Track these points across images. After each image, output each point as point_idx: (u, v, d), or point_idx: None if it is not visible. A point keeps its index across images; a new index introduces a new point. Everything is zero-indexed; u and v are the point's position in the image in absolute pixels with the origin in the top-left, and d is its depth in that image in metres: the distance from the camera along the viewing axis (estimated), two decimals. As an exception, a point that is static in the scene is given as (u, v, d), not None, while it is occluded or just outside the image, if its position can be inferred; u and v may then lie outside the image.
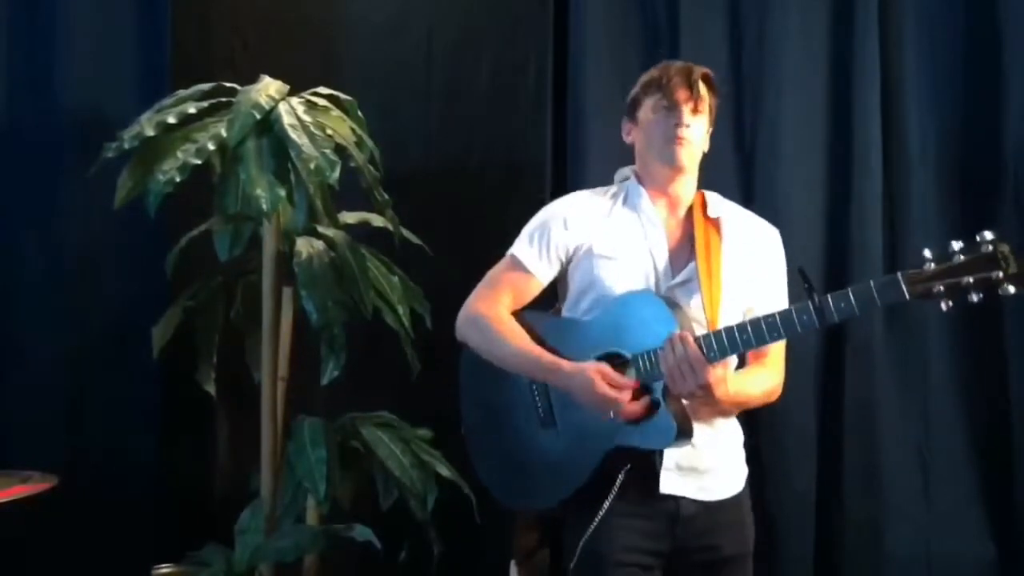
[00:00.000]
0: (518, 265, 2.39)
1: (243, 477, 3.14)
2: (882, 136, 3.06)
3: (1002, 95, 3.01)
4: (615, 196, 2.41)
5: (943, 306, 1.96)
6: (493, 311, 2.37)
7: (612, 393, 2.16)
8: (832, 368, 3.10)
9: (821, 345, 3.09)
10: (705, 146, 2.39)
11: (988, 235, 1.93)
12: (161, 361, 3.02)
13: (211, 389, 3.05)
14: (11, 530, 2.66)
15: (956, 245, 1.95)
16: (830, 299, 2.05)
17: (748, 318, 2.16)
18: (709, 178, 2.47)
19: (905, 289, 1.97)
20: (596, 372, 2.18)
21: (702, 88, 2.32)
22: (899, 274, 2.00)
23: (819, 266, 3.05)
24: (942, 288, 1.95)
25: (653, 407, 2.19)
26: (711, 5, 3.17)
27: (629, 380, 2.19)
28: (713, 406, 2.23)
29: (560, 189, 3.07)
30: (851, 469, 3.08)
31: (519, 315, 2.39)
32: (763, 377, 2.33)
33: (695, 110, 2.31)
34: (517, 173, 3.38)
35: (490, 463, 2.45)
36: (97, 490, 3.08)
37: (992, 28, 3.03)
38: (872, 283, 2.02)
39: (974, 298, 1.94)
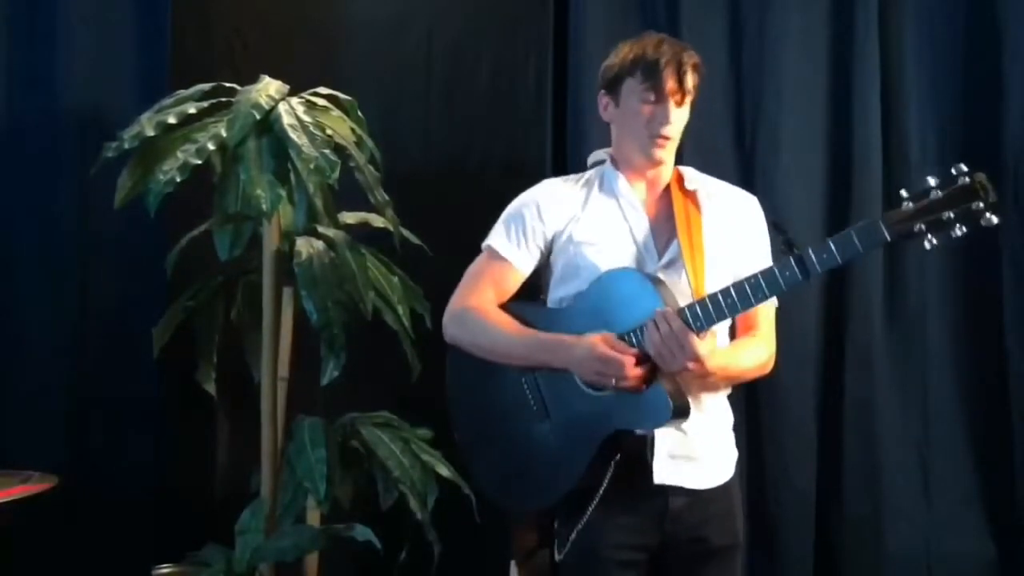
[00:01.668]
0: (496, 256, 2.36)
1: (243, 477, 3.14)
2: (882, 136, 3.06)
3: (1002, 95, 3.02)
4: (589, 183, 2.38)
5: (927, 244, 1.89)
6: (478, 303, 2.35)
7: (615, 354, 2.12)
8: (832, 368, 3.10)
9: (821, 345, 3.10)
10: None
11: (963, 167, 1.88)
12: (161, 361, 3.03)
13: (211, 389, 3.05)
14: (11, 530, 2.66)
15: (932, 181, 1.89)
16: (811, 251, 2.01)
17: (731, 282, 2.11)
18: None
19: (886, 230, 1.92)
20: (599, 337, 2.16)
21: (689, 80, 2.26)
22: (879, 217, 1.94)
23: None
24: (923, 226, 1.89)
25: (648, 385, 2.15)
26: (711, 5, 3.17)
27: (630, 348, 2.14)
28: (705, 380, 2.19)
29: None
30: (851, 469, 3.08)
31: (504, 308, 2.36)
32: (753, 348, 2.28)
33: (680, 102, 2.27)
34: (517, 173, 3.37)
35: (487, 468, 2.42)
36: (97, 490, 3.08)
37: (992, 28, 3.04)
38: (852, 229, 1.97)
39: (958, 232, 1.87)
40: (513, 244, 2.35)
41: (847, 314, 3.09)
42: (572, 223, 2.33)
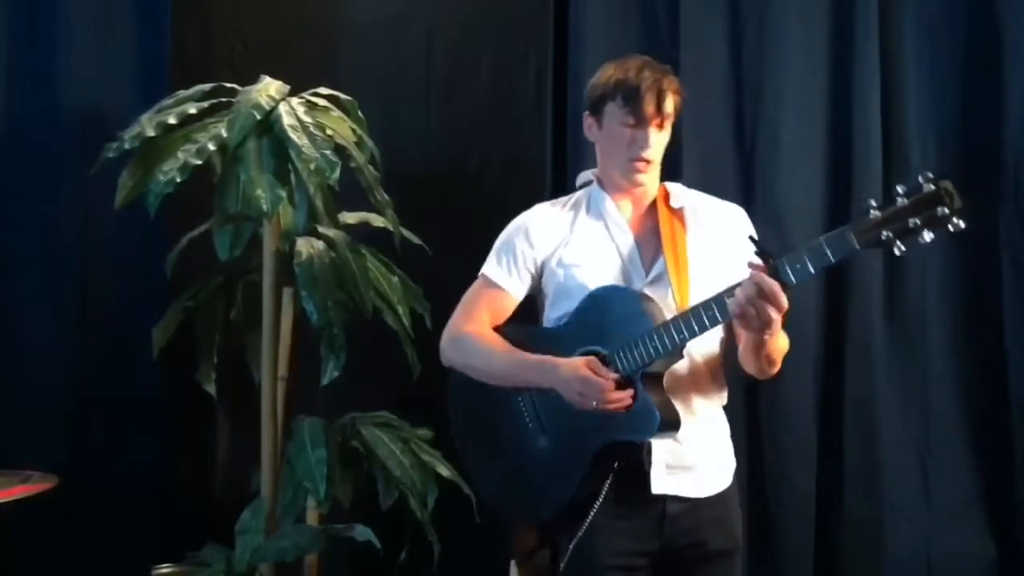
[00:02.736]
0: (489, 283, 2.42)
1: (243, 477, 3.14)
2: (882, 136, 3.06)
3: (1002, 95, 3.01)
4: (577, 206, 2.41)
5: (896, 251, 1.93)
6: (473, 328, 2.40)
7: (595, 378, 2.17)
8: (832, 368, 3.10)
9: (821, 345, 3.10)
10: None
11: (929, 175, 1.91)
12: (161, 361, 3.02)
13: (211, 389, 3.04)
14: (11, 530, 2.66)
15: (900, 189, 1.93)
16: (785, 262, 2.04)
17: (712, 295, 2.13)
18: (709, 178, 2.47)
19: (854, 239, 1.95)
20: (582, 361, 2.21)
21: (669, 104, 2.28)
22: (846, 226, 1.97)
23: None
24: (891, 233, 1.92)
25: (636, 399, 2.19)
26: (711, 5, 3.17)
27: (611, 373, 2.20)
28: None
29: (560, 189, 3.07)
30: (851, 469, 3.08)
31: (498, 330, 2.41)
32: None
33: (660, 126, 2.30)
34: (517, 173, 3.38)
35: (488, 481, 2.48)
36: (97, 490, 3.09)
37: (992, 28, 3.03)
38: (822, 239, 2.00)
39: (926, 238, 1.90)
40: (504, 271, 2.40)
41: (847, 314, 3.09)
42: (561, 247, 2.37)
